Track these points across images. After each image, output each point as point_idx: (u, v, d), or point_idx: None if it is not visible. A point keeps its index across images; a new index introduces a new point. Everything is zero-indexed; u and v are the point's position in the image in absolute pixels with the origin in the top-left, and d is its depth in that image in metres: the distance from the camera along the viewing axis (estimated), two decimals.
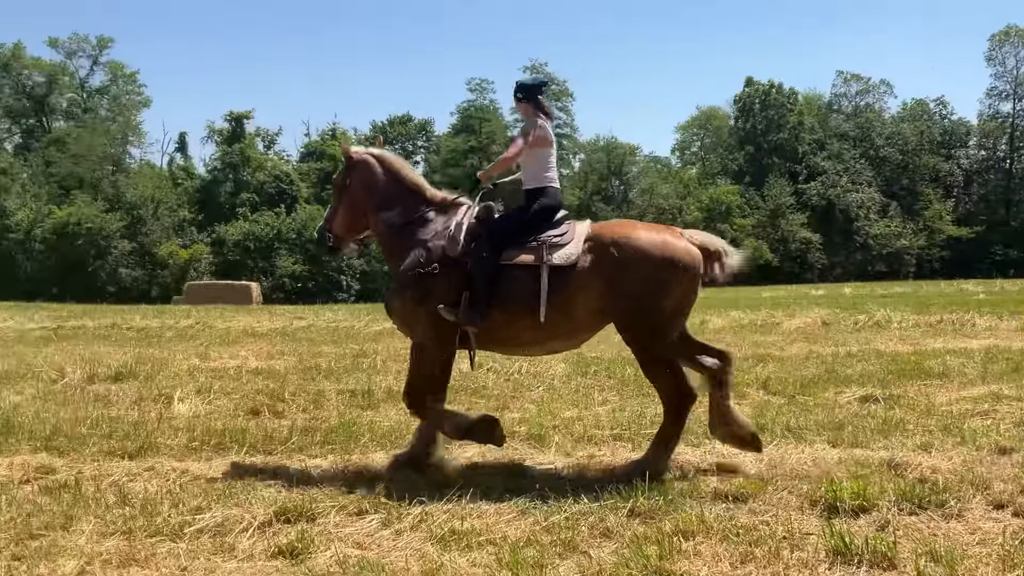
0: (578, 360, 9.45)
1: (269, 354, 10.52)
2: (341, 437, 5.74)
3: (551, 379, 8.26)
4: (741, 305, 19.58)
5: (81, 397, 7.32)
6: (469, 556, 3.64)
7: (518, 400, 7.24)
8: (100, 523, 4.02)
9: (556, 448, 5.47)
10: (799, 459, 5.10)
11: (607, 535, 3.89)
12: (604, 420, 6.26)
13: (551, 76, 73.35)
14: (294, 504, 4.25)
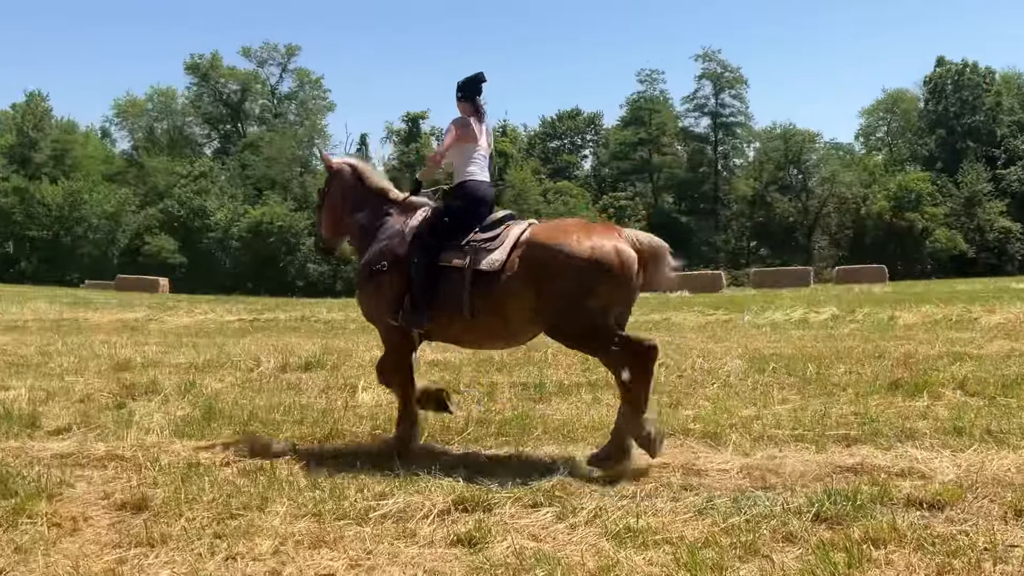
0: (755, 356, 9.16)
1: (444, 346, 10.80)
2: (515, 429, 5.81)
3: (726, 376, 8.04)
4: (933, 299, 18.36)
5: (275, 385, 7.78)
6: (645, 555, 3.59)
7: (692, 397, 7.09)
8: (292, 505, 4.25)
9: (733, 448, 5.31)
10: (1001, 465, 4.71)
11: (790, 540, 3.73)
12: (784, 420, 6.02)
13: (724, 63, 71.25)
14: (472, 494, 4.34)
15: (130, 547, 3.71)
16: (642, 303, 20.39)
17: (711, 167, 73.06)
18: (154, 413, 6.42)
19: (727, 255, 69.56)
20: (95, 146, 71.66)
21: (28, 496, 4.24)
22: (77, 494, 4.43)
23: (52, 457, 5.11)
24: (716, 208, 72.52)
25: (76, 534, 3.88)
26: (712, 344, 10.72)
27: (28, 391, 7.21)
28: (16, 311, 18.58)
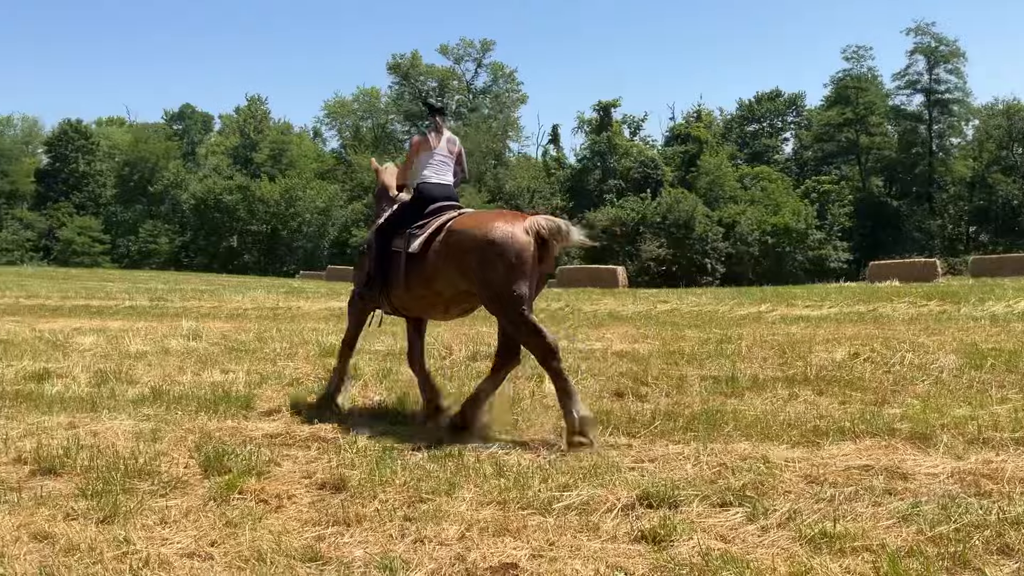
0: (972, 351, 8.42)
1: (633, 337, 10.70)
2: (704, 424, 5.63)
3: (939, 372, 7.45)
4: None
5: (465, 373, 7.98)
6: (842, 562, 3.36)
7: (900, 394, 6.61)
8: (479, 492, 4.32)
9: (944, 450, 4.89)
10: None
11: (1006, 552, 3.39)
12: (1003, 421, 5.48)
13: (938, 36, 66.19)
14: (657, 489, 4.24)
15: (328, 525, 3.90)
16: (847, 293, 19.29)
17: (925, 147, 68.08)
18: (354, 398, 6.75)
19: (943, 242, 64.69)
20: (308, 145, 76.71)
21: (240, 473, 4.56)
22: (283, 472, 4.72)
23: (263, 437, 5.48)
24: (930, 191, 67.58)
25: (280, 511, 4.13)
26: (924, 337, 9.96)
27: (245, 375, 7.78)
28: (239, 300, 20.19)
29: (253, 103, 74.07)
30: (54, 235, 66.81)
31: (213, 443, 5.16)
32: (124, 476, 4.53)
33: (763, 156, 72.61)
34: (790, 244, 58.95)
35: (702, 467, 4.70)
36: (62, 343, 10.06)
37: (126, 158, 73.86)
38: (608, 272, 34.20)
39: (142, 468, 4.68)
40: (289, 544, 3.62)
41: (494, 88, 78.77)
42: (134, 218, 70.14)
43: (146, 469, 4.67)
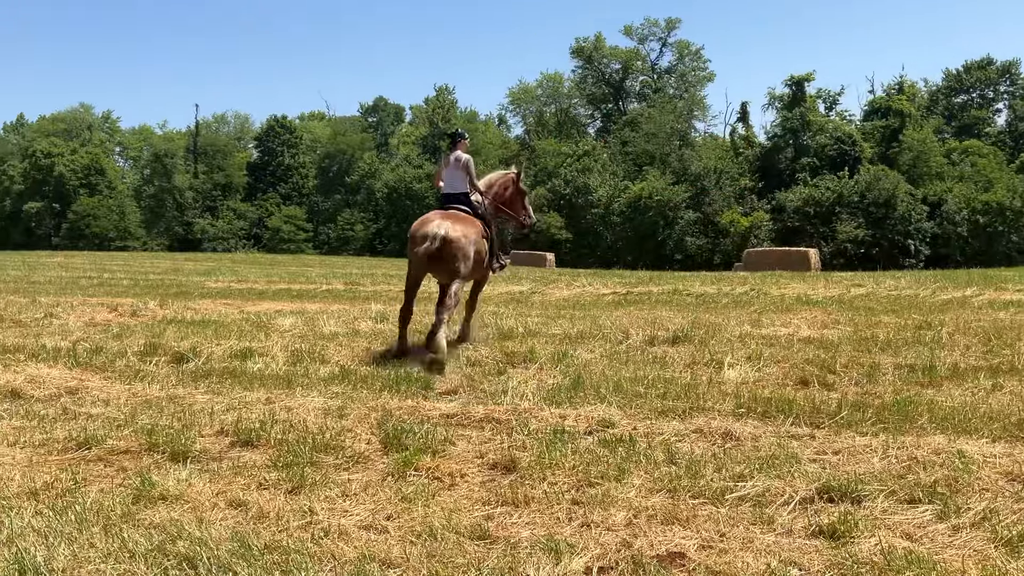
0: None
1: (823, 323, 10.19)
2: (895, 415, 5.29)
3: None
4: None
5: (642, 357, 7.87)
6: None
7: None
8: (648, 479, 4.26)
9: None
10: None
11: None
12: None
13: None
14: (839, 483, 4.03)
15: (497, 505, 3.98)
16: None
17: None
18: (529, 380, 6.83)
19: None
20: (493, 132, 78.26)
21: (416, 451, 4.73)
22: (457, 452, 4.85)
23: (440, 416, 5.65)
24: None
25: (453, 489, 4.25)
26: None
27: None
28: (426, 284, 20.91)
29: (441, 93, 76.36)
30: (264, 224, 71.83)
31: (393, 421, 5.37)
32: (312, 450, 4.81)
33: (973, 129, 66.98)
34: (1003, 223, 54.14)
35: (890, 461, 4.43)
36: (265, 324, 10.80)
37: (326, 150, 78.22)
38: (799, 255, 32.78)
39: (328, 443, 4.94)
40: (459, 521, 3.72)
41: (679, 67, 77.13)
42: (333, 207, 74.20)
43: (332, 444, 4.93)
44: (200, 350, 8.26)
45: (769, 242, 52.05)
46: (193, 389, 6.68)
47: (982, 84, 71.13)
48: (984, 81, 71.00)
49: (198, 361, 7.84)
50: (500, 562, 3.32)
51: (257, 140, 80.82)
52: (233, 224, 72.71)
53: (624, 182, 62.47)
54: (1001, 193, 54.21)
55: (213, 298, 15.82)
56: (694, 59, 76.57)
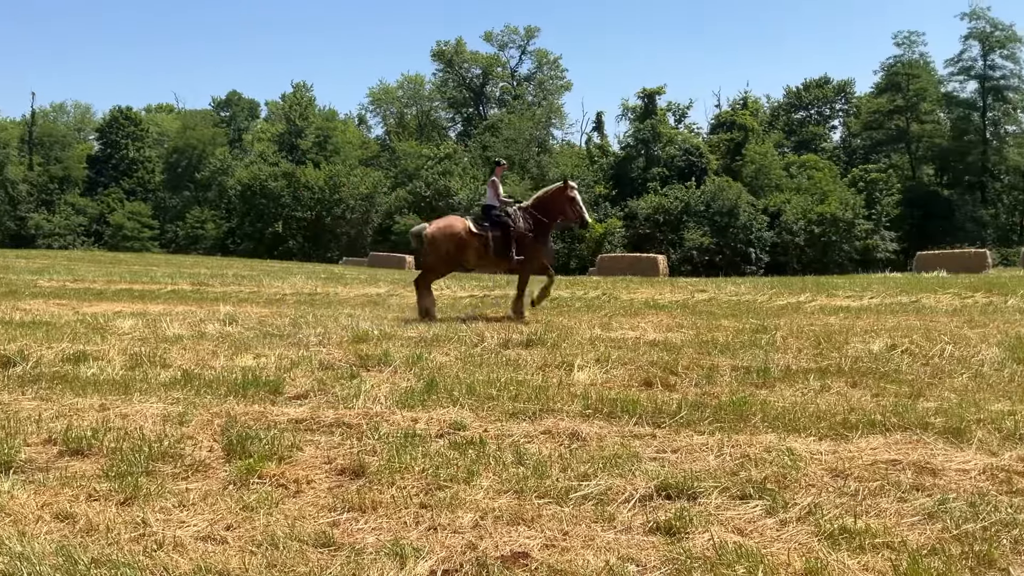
0: (1016, 344, 8.20)
1: (668, 326, 10.59)
2: (731, 415, 5.55)
3: (979, 365, 7.26)
4: None
5: (496, 360, 7.94)
6: (861, 559, 3.29)
7: (936, 387, 6.45)
8: (497, 480, 4.30)
9: (978, 446, 4.77)
10: None
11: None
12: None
13: (994, 21, 64.53)
14: (676, 480, 4.19)
15: (343, 511, 3.91)
16: (890, 284, 18.89)
17: (978, 135, 66.41)
18: (382, 384, 6.76)
19: (995, 232, 63.17)
20: (352, 132, 77.14)
21: (261, 457, 4.59)
22: (304, 457, 4.74)
23: (288, 422, 5.51)
24: (983, 180, 65.98)
25: (298, 496, 4.15)
26: (967, 329, 9.72)
27: (276, 359, 7.84)
28: (278, 285, 20.38)
29: (299, 90, 74.59)
30: (105, 220, 68.11)
31: (238, 427, 5.20)
32: (148, 458, 4.60)
33: (810, 144, 71.34)
34: (836, 234, 57.94)
35: (725, 458, 4.64)
36: (102, 326, 10.24)
37: (174, 144, 74.99)
38: (649, 260, 33.96)
39: (166, 451, 4.74)
40: (303, 529, 3.64)
41: (538, 75, 78.44)
42: (182, 204, 71.24)
43: (170, 452, 4.73)
44: (29, 353, 7.75)
45: (622, 248, 53.69)
46: (20, 395, 6.27)
47: (819, 102, 75.82)
48: (821, 99, 75.70)
49: (26, 365, 7.36)
50: (343, 569, 3.27)
51: (99, 132, 76.59)
52: (71, 220, 68.63)
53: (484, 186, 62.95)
54: (835, 205, 57.94)
55: (45, 298, 14.89)
56: (552, 68, 78.08)
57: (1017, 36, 65.01)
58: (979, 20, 65.06)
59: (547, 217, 12.07)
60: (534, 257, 12.00)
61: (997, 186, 66.65)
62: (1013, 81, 66.25)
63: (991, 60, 65.70)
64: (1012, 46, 65.20)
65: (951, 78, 68.28)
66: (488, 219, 12.02)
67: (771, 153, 65.52)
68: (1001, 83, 66.05)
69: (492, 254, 11.85)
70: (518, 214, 11.94)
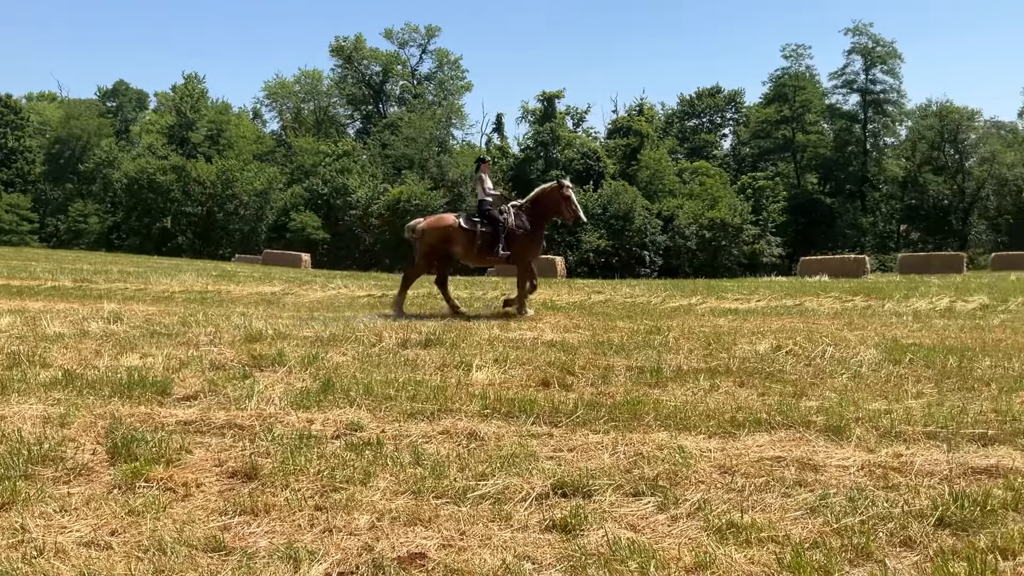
0: (892, 346, 8.64)
1: (565, 327, 10.73)
2: (625, 414, 5.66)
3: (858, 366, 7.62)
4: None
5: (394, 360, 7.88)
6: (747, 552, 3.41)
7: (818, 387, 6.73)
8: (394, 481, 4.28)
9: (856, 443, 5.00)
10: None
11: (908, 545, 3.47)
12: (917, 415, 5.62)
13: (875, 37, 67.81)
14: (572, 479, 4.25)
15: (235, 515, 3.82)
16: (776, 287, 19.62)
17: (859, 146, 69.72)
18: (276, 384, 6.62)
19: (874, 239, 66.39)
20: (247, 126, 75.20)
21: (147, 460, 4.44)
22: (194, 460, 4.60)
23: (176, 424, 5.34)
24: (863, 189, 69.28)
25: (187, 499, 4.03)
26: (847, 332, 10.19)
27: (164, 359, 7.58)
28: (166, 283, 19.69)
29: (190, 81, 72.19)
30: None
31: (123, 429, 5.01)
32: (27, 462, 4.39)
33: (702, 151, 73.53)
34: (726, 238, 59.87)
35: (619, 456, 4.73)
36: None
37: (56, 135, 71.56)
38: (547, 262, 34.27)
39: (47, 454, 4.53)
40: (192, 534, 3.54)
41: (439, 75, 78.22)
42: (64, 196, 68.07)
43: (51, 455, 4.52)
44: None
45: None
46: None
47: (711, 110, 78.22)
48: (713, 108, 78.11)
49: None
50: (235, 574, 3.20)
51: None
52: None
53: (384, 185, 62.37)
54: (724, 211, 59.86)
55: None
56: (453, 68, 78.00)
57: (897, 52, 68.61)
58: (862, 36, 68.34)
59: (542, 215, 12.61)
60: (524, 254, 12.38)
61: (876, 195, 70.05)
62: (892, 95, 69.83)
63: (872, 75, 69.07)
64: (892, 62, 68.71)
65: (835, 91, 71.51)
66: (481, 215, 12.37)
67: (665, 159, 67.21)
68: (881, 97, 69.51)
69: (478, 249, 12.27)
70: (511, 211, 12.37)
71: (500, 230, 12.20)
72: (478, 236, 12.22)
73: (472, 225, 12.31)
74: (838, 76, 70.38)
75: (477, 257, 12.67)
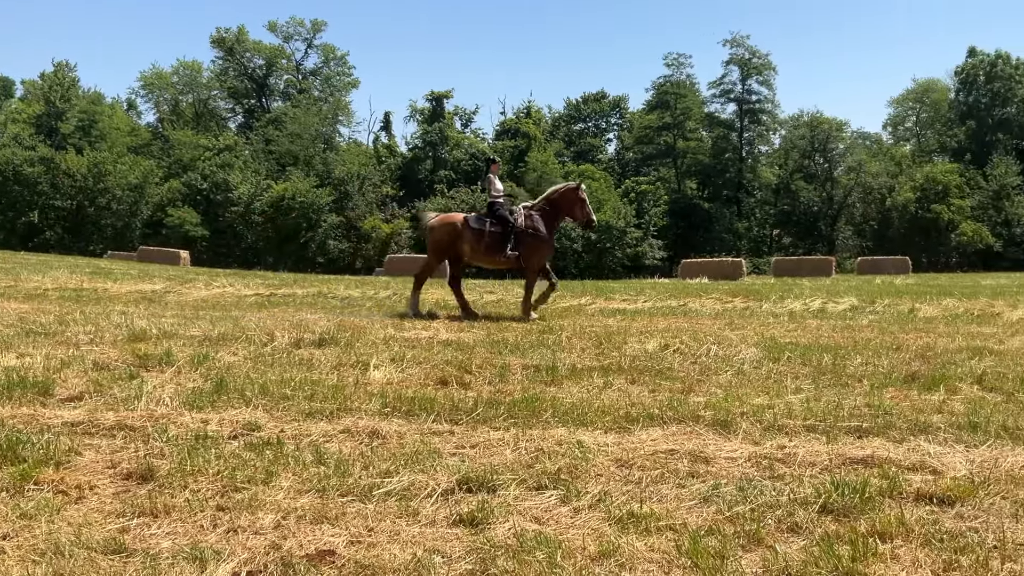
0: (771, 345, 9.07)
1: (457, 327, 10.80)
2: (524, 411, 5.78)
3: (741, 363, 7.98)
4: (955, 292, 18.14)
5: (287, 360, 7.77)
6: (647, 540, 3.56)
7: (704, 384, 7.03)
8: (297, 480, 4.25)
9: (743, 436, 5.26)
10: (1016, 462, 4.62)
11: (795, 530, 3.69)
12: (797, 409, 5.95)
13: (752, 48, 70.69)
14: (476, 474, 4.32)
15: (133, 516, 3.72)
16: (660, 289, 20.25)
17: (736, 154, 72.52)
18: (166, 384, 6.44)
19: (749, 243, 69.14)
20: (121, 118, 72.08)
21: (36, 463, 4.26)
22: (84, 462, 4.45)
23: (63, 425, 5.13)
24: (739, 195, 72.06)
25: (81, 502, 3.90)
26: (728, 331, 10.63)
27: (44, 359, 7.25)
28: (38, 280, 18.74)
29: (60, 69, 68.64)
30: None
31: (6, 431, 4.79)
32: None
33: (588, 155, 74.92)
34: (611, 241, 61.20)
35: (520, 452, 4.83)
36: None
37: None
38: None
39: None
40: (90, 536, 3.44)
41: (325, 70, 76.98)
42: None
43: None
44: None
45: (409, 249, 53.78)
46: None
47: (597, 115, 79.80)
48: (599, 112, 79.72)
49: None
50: (139, 575, 3.12)
51: None
52: None
53: (267, 181, 60.93)
54: (609, 214, 61.15)
55: None
56: (339, 64, 76.95)
57: (771, 64, 71.69)
58: (739, 47, 71.10)
59: (555, 216, 12.46)
60: (533, 256, 12.19)
61: (751, 201, 72.98)
62: (767, 105, 72.94)
63: (748, 85, 72.00)
64: (767, 73, 71.77)
65: (713, 99, 74.14)
66: (491, 215, 12.28)
67: (552, 161, 68.16)
68: (756, 107, 72.50)
69: (485, 248, 12.13)
70: (521, 212, 12.28)
71: (509, 230, 12.07)
72: (486, 235, 12.10)
73: (481, 224, 12.21)
74: (716, 85, 73.08)
75: (485, 257, 12.42)
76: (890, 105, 78.88)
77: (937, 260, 59.79)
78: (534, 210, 12.44)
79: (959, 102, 70.48)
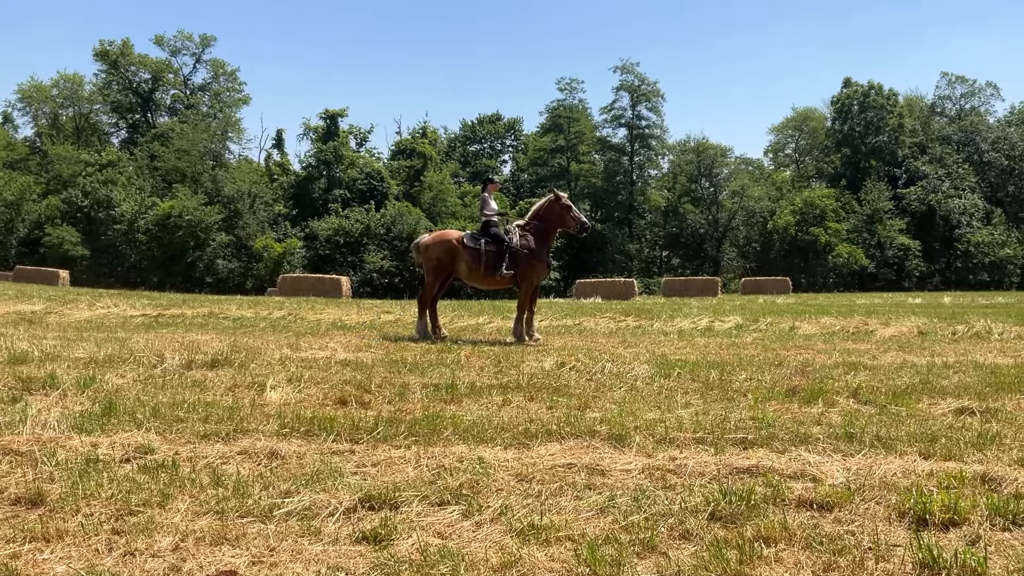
0: (662, 362, 9.38)
1: (357, 346, 10.75)
2: (425, 429, 5.83)
3: (634, 380, 8.23)
4: (832, 311, 19.09)
5: (179, 382, 7.60)
6: (547, 551, 3.67)
7: (600, 400, 7.23)
8: (194, 502, 4.19)
9: (637, 449, 5.46)
10: (888, 469, 4.96)
11: (686, 537, 3.87)
12: (687, 423, 6.20)
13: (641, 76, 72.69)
14: (379, 492, 4.35)
15: (24, 542, 3.61)
16: (556, 308, 20.60)
17: (627, 177, 74.31)
18: (51, 408, 6.22)
19: (640, 263, 70.83)
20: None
21: None
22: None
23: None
24: (631, 217, 73.80)
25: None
26: (622, 349, 10.94)
27: None
28: None
29: None
30: None
31: None
32: None
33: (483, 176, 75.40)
34: None
35: (422, 469, 4.88)
36: None
37: None
38: (332, 281, 33.86)
39: None
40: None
41: (214, 86, 75.16)
42: None
43: None
44: None
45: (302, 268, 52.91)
46: None
47: (492, 136, 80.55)
48: (494, 134, 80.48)
49: None
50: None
51: None
52: None
53: (152, 198, 58.96)
54: None
55: None
56: (229, 80, 75.31)
57: (659, 92, 73.89)
58: (629, 74, 73.05)
59: (548, 231, 12.39)
60: (529, 274, 12.18)
61: (641, 223, 74.87)
62: (656, 131, 75.09)
63: (638, 111, 74.00)
64: (656, 100, 73.95)
65: (605, 124, 75.87)
66: (485, 234, 12.25)
67: (447, 181, 68.38)
68: (646, 132, 74.56)
69: (482, 268, 12.06)
70: (515, 231, 12.23)
71: (504, 249, 12.04)
72: (483, 254, 12.03)
73: (476, 243, 12.15)
74: (608, 111, 74.84)
75: (483, 278, 12.25)
76: (771, 132, 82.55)
77: (815, 281, 62.67)
78: (527, 228, 12.39)
79: (835, 130, 74.19)
